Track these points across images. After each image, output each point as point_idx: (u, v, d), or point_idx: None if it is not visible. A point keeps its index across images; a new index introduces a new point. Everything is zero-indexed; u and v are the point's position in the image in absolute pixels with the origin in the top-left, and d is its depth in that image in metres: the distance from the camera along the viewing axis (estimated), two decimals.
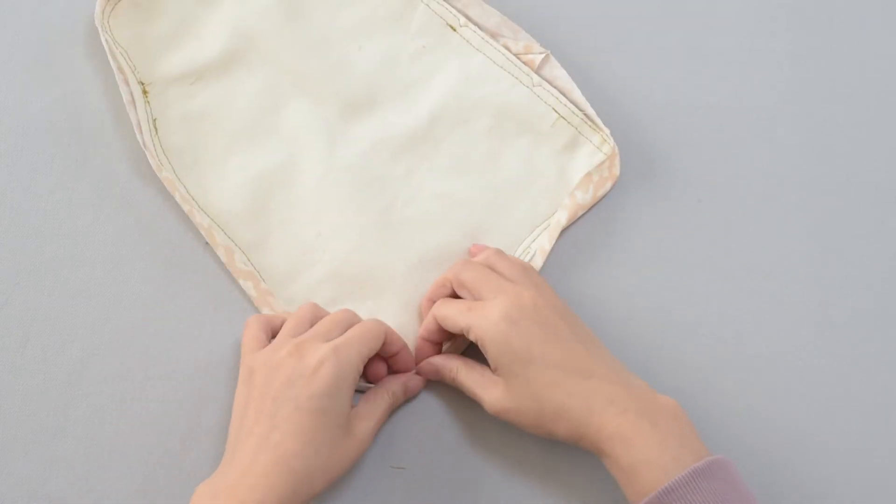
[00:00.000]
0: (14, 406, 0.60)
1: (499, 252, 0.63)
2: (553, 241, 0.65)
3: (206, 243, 0.64)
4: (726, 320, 0.65)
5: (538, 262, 0.65)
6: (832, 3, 0.74)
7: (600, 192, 0.67)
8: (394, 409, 0.61)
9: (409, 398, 0.61)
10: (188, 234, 0.65)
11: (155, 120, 0.67)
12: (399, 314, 0.63)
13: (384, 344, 0.59)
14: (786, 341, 0.64)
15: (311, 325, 0.59)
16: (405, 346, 0.61)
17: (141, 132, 0.66)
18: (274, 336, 0.60)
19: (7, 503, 0.58)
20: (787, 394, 0.63)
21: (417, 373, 0.62)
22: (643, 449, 0.53)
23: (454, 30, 0.71)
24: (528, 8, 0.72)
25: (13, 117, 0.66)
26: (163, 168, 0.65)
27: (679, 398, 0.56)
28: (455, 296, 0.62)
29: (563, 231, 0.66)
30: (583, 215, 0.67)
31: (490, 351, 0.57)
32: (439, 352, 0.62)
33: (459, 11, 0.71)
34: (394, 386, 0.60)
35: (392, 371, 0.61)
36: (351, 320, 0.59)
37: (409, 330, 0.63)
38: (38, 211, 0.64)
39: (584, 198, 0.66)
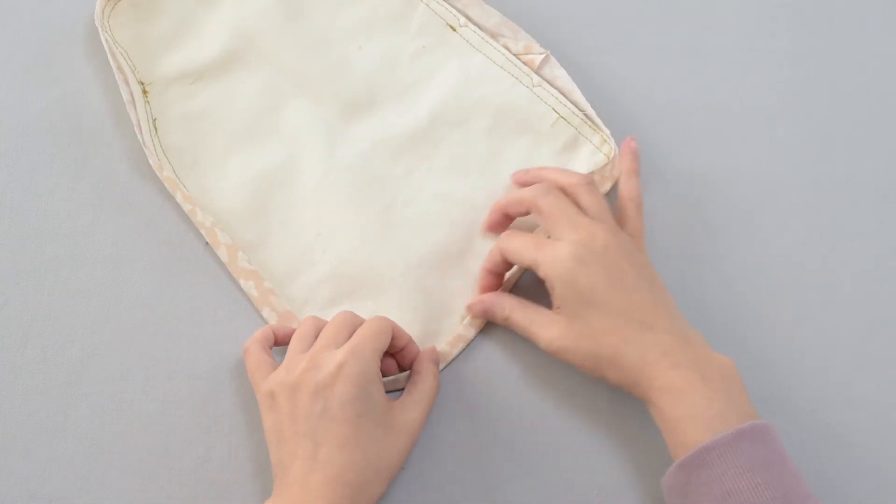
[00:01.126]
0: (14, 406, 0.60)
1: (587, 181, 0.62)
2: None
3: (207, 243, 0.64)
4: (726, 320, 0.65)
5: None
6: (832, 3, 0.74)
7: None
8: (436, 391, 0.60)
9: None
10: (188, 234, 0.65)
11: (155, 120, 0.67)
12: (399, 314, 0.63)
13: (394, 334, 0.59)
14: (786, 341, 0.64)
15: (316, 338, 0.59)
16: (410, 339, 0.61)
17: (141, 132, 0.66)
18: (277, 345, 0.60)
19: (7, 503, 0.58)
20: (787, 394, 0.63)
21: (469, 309, 0.62)
22: (691, 403, 0.53)
23: (454, 30, 0.71)
24: (528, 8, 0.72)
25: (13, 117, 0.66)
26: (163, 168, 0.65)
27: None
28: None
29: None
30: None
31: (556, 288, 0.57)
32: (500, 284, 0.63)
33: (459, 11, 0.71)
34: (424, 371, 0.59)
35: (401, 366, 0.61)
36: (354, 322, 0.59)
37: (410, 329, 0.63)
38: (38, 211, 0.64)
39: None
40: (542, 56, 0.69)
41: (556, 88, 0.69)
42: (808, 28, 0.73)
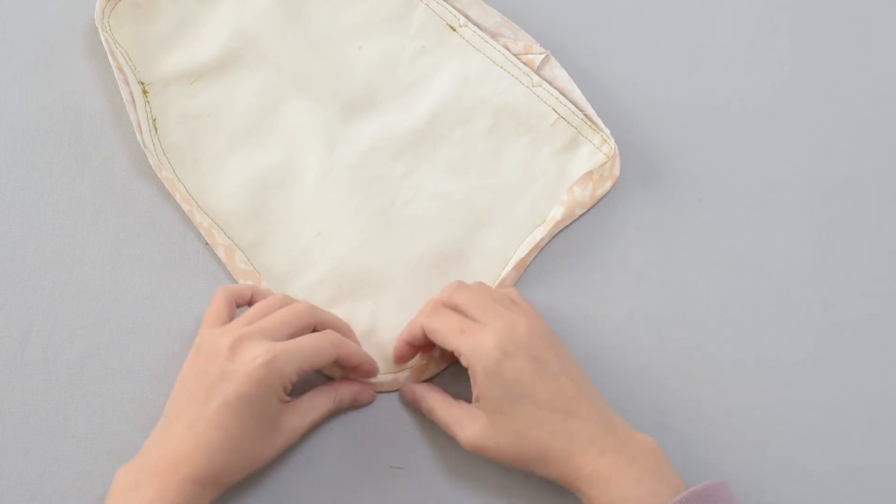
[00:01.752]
0: (14, 406, 0.60)
1: (484, 284, 0.62)
2: (546, 234, 0.65)
3: (207, 243, 0.64)
4: (726, 320, 0.65)
5: (530, 255, 0.65)
6: (832, 3, 0.74)
7: (599, 192, 0.67)
8: (335, 413, 0.60)
9: (356, 407, 0.61)
10: (188, 234, 0.65)
11: (155, 120, 0.67)
12: (398, 314, 0.63)
13: (341, 357, 0.58)
14: (786, 341, 0.64)
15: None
16: (366, 359, 0.60)
17: (141, 132, 0.66)
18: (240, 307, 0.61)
19: (7, 503, 0.58)
20: (787, 393, 0.63)
21: (401, 394, 0.61)
22: (620, 486, 0.53)
23: (454, 30, 0.71)
24: (528, 8, 0.72)
25: (13, 117, 0.66)
26: (163, 168, 0.65)
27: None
28: None
29: (563, 231, 0.66)
30: (582, 215, 0.67)
31: (480, 381, 0.56)
32: (414, 354, 0.61)
33: (459, 11, 0.71)
34: (342, 393, 0.60)
35: (352, 377, 0.61)
36: (305, 321, 0.58)
37: None
38: (38, 211, 0.64)
39: (583, 195, 0.66)
40: (542, 56, 0.69)
41: (556, 88, 0.69)
42: (808, 28, 0.73)
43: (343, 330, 0.61)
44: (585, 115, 0.68)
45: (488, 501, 0.60)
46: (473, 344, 0.56)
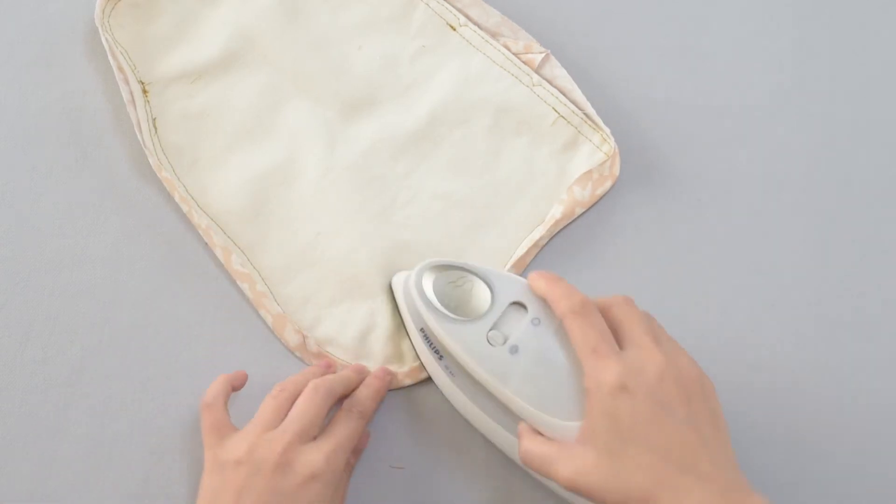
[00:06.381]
0: (14, 406, 0.60)
1: (651, 316, 0.57)
2: (545, 234, 0.65)
3: (207, 243, 0.64)
4: (726, 320, 0.65)
5: (529, 255, 0.65)
6: (832, 2, 0.74)
7: (599, 191, 0.67)
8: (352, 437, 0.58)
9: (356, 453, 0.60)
10: (188, 234, 0.65)
11: (155, 119, 0.67)
12: (397, 314, 0.63)
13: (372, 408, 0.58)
14: (785, 341, 0.64)
15: (290, 405, 0.56)
16: (384, 386, 0.60)
17: (141, 131, 0.66)
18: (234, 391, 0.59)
19: (7, 503, 0.58)
20: (786, 393, 0.63)
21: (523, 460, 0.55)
22: None
23: (454, 29, 0.71)
24: (528, 8, 0.72)
25: (13, 117, 0.67)
26: (162, 168, 0.65)
27: None
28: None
29: (563, 230, 0.66)
30: (582, 214, 0.67)
31: (592, 411, 0.52)
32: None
33: (459, 11, 0.71)
34: (343, 415, 0.58)
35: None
36: (329, 398, 0.57)
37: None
38: (38, 211, 0.64)
39: (583, 194, 0.66)
40: (542, 55, 0.69)
41: (556, 88, 0.69)
42: (808, 28, 0.73)
43: (353, 380, 0.60)
44: (585, 114, 0.68)
45: (488, 501, 0.60)
46: (597, 368, 0.52)
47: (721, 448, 0.52)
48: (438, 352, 0.58)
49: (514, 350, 0.55)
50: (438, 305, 0.56)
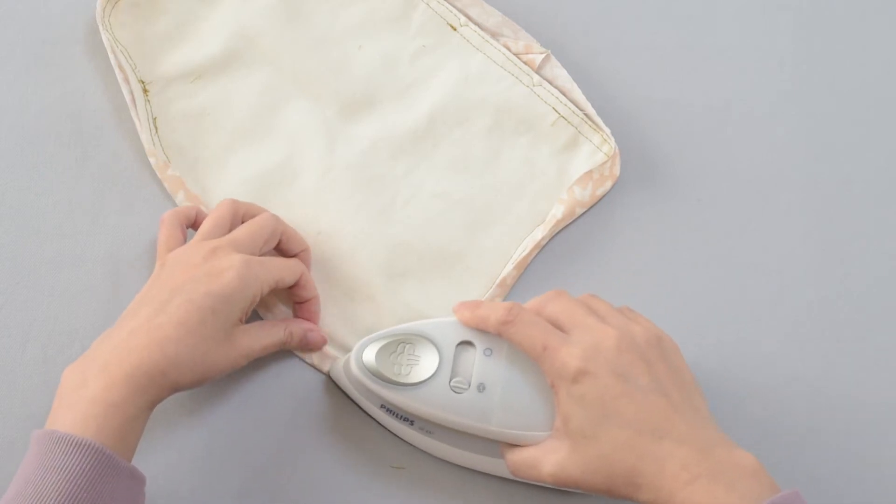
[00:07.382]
0: (14, 406, 0.60)
1: (594, 296, 0.58)
2: (547, 234, 0.65)
3: None
4: (726, 320, 0.65)
5: (530, 255, 0.65)
6: (832, 3, 0.74)
7: (599, 191, 0.67)
8: (283, 348, 0.60)
9: (304, 349, 0.61)
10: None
11: (155, 119, 0.67)
12: (397, 314, 0.63)
13: (297, 286, 0.59)
14: (785, 341, 0.64)
15: (231, 226, 0.60)
16: (317, 297, 0.61)
17: (141, 131, 0.66)
18: (193, 228, 0.61)
19: None
20: (786, 393, 0.63)
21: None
22: None
23: (454, 29, 0.71)
24: (528, 8, 0.72)
25: (13, 117, 0.66)
26: (168, 167, 0.65)
27: None
28: None
29: (563, 230, 0.66)
30: (582, 214, 0.67)
31: (561, 403, 0.52)
32: None
33: (460, 11, 0.71)
34: (294, 326, 0.60)
35: (296, 314, 0.62)
36: (271, 230, 0.59)
37: None
38: (38, 211, 0.64)
39: (583, 194, 0.66)
40: (543, 55, 0.69)
41: (556, 88, 0.69)
42: (808, 28, 0.73)
43: (304, 248, 0.63)
44: (585, 114, 0.68)
45: (488, 501, 0.60)
46: (554, 361, 0.52)
47: (692, 407, 0.52)
48: (408, 419, 0.58)
49: (481, 388, 0.55)
50: (395, 379, 0.56)
